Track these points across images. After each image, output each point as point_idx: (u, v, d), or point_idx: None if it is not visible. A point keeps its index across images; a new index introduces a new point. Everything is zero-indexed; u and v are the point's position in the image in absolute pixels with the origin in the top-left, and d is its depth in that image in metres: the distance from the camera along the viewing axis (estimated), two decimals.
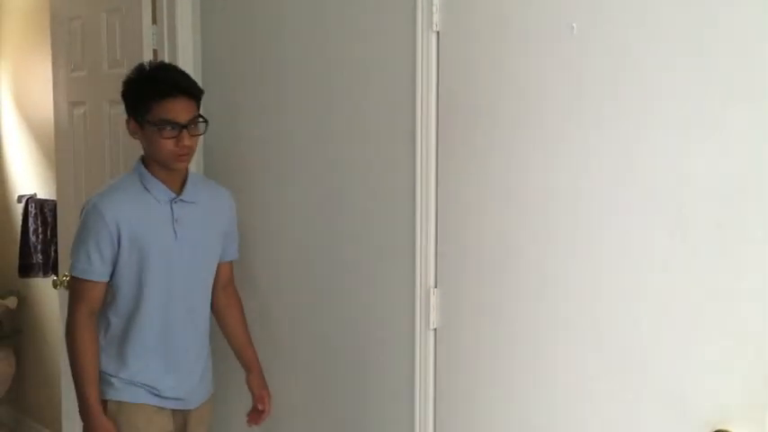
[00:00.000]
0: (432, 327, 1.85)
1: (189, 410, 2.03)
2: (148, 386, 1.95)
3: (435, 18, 1.77)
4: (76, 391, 1.91)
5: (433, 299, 1.83)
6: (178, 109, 1.86)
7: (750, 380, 1.31)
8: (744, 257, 1.32)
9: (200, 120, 1.91)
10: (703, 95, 1.35)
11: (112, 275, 1.91)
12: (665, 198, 1.41)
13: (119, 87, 2.54)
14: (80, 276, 1.89)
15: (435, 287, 1.84)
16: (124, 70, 2.54)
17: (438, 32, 1.78)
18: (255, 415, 2.13)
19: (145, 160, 1.95)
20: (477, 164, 1.74)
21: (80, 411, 1.91)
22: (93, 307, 1.91)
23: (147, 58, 2.49)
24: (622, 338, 1.49)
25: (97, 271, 1.88)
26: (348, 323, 2.06)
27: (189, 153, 1.91)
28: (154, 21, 2.49)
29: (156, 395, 1.96)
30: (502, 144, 1.69)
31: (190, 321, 2.00)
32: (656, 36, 1.41)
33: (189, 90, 1.90)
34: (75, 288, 1.92)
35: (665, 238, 1.42)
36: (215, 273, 2.07)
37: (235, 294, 2.16)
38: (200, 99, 1.95)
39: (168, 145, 1.86)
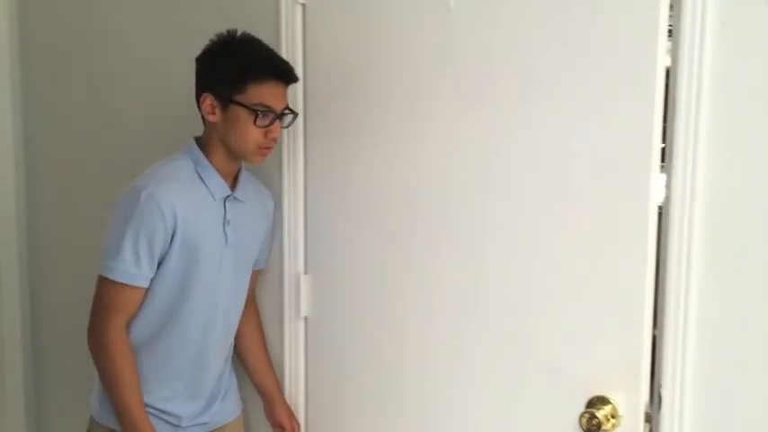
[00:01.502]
0: (302, 315, 1.77)
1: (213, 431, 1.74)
2: (168, 413, 1.62)
3: None
4: (117, 406, 1.56)
5: (302, 286, 1.76)
6: (277, 95, 1.57)
7: (625, 349, 1.38)
8: (619, 230, 1.37)
9: (288, 111, 1.61)
10: (581, 76, 1.38)
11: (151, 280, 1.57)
12: (544, 175, 1.44)
13: None
14: (124, 281, 1.52)
15: (305, 273, 1.76)
16: None
17: (304, 5, 1.70)
18: None
19: (202, 145, 1.62)
20: (347, 147, 1.68)
21: (123, 423, 1.56)
22: (131, 316, 1.57)
23: None
24: (500, 314, 1.51)
25: (145, 275, 1.54)
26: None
27: (273, 147, 1.61)
28: None
29: (176, 425, 1.64)
30: (372, 126, 1.64)
31: (225, 341, 1.70)
32: (532, 15, 1.42)
33: (291, 76, 1.59)
34: (113, 294, 1.54)
35: (543, 212, 1.45)
36: None
37: (255, 310, 1.83)
38: None
39: (257, 134, 1.55)
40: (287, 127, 1.64)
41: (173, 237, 1.54)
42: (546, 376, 1.46)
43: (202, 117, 1.61)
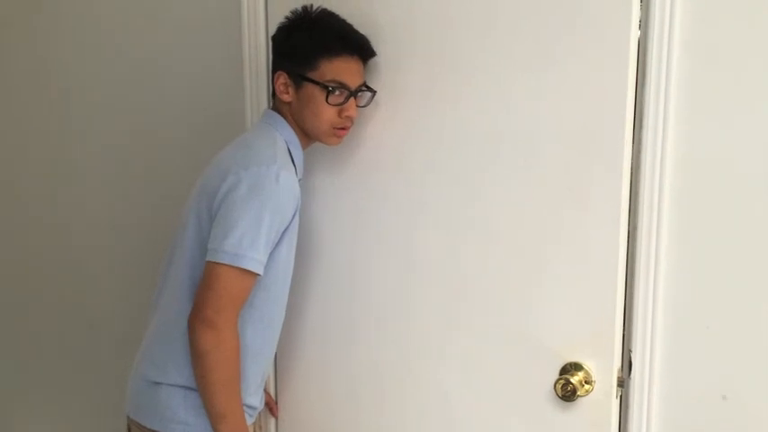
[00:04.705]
0: None
1: None
2: (252, 407, 1.55)
3: None
4: (222, 411, 1.43)
5: None
6: (352, 70, 1.49)
7: (598, 316, 1.40)
8: (591, 199, 1.39)
9: (365, 88, 1.54)
10: (551, 42, 1.39)
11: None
12: (516, 145, 1.45)
13: None
14: (252, 270, 1.39)
15: None
16: None
17: None
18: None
19: (289, 121, 1.53)
20: None
21: (224, 429, 1.44)
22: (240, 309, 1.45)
23: None
24: (474, 286, 1.52)
25: (263, 263, 1.41)
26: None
27: (349, 127, 1.53)
28: None
29: (251, 416, 1.57)
30: None
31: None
32: None
33: (366, 50, 1.52)
34: (241, 285, 1.40)
35: (516, 182, 1.46)
36: None
37: None
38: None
39: (330, 113, 1.48)
40: (364, 106, 1.55)
41: (289, 224, 1.45)
42: (520, 345, 1.48)
43: (273, 95, 1.54)
